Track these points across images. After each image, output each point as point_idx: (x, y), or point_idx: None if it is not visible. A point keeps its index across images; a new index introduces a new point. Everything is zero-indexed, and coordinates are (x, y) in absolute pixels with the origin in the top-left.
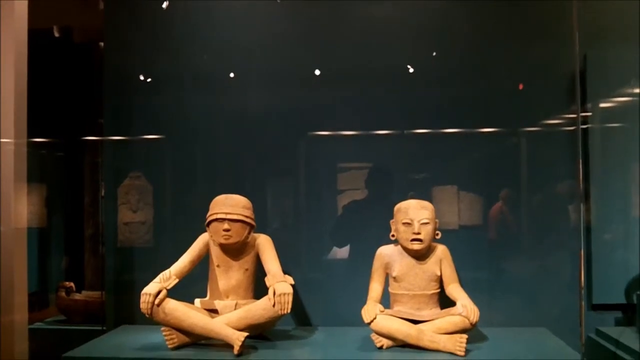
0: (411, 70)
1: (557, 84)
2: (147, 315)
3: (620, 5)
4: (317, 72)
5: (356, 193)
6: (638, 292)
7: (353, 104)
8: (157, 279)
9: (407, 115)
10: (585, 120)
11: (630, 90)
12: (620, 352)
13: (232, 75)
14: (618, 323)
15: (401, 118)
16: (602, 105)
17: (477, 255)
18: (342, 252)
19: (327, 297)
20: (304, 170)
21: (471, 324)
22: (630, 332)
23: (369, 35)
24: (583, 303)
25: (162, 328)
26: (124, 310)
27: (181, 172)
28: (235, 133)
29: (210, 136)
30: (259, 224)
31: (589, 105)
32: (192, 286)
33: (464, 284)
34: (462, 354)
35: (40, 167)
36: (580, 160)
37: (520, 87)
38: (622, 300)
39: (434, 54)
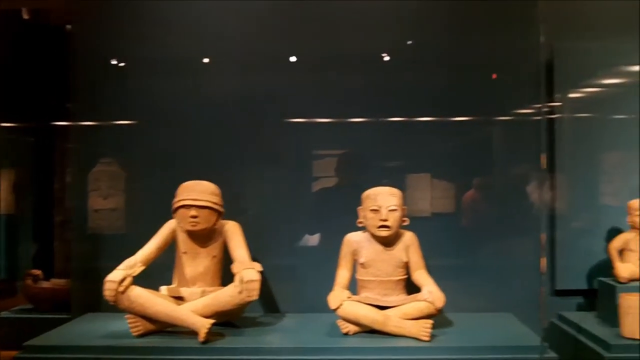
0: (386, 58)
1: (528, 74)
2: (111, 303)
3: None
4: (293, 58)
5: (330, 180)
6: (599, 278)
7: (328, 91)
8: (121, 266)
9: (382, 103)
10: (552, 111)
11: (598, 81)
12: (581, 337)
13: (206, 60)
14: (580, 308)
15: (376, 106)
16: (571, 95)
17: (448, 242)
18: (313, 239)
19: (297, 283)
20: (278, 157)
21: (436, 309)
22: (591, 317)
23: (344, 23)
24: (544, 289)
25: (127, 315)
26: (92, 297)
27: (153, 158)
28: (209, 119)
29: (184, 122)
30: (232, 210)
31: (558, 96)
32: (160, 273)
33: (435, 270)
34: (427, 339)
35: (9, 153)
36: (546, 149)
37: (494, 76)
38: (585, 286)
39: (409, 42)
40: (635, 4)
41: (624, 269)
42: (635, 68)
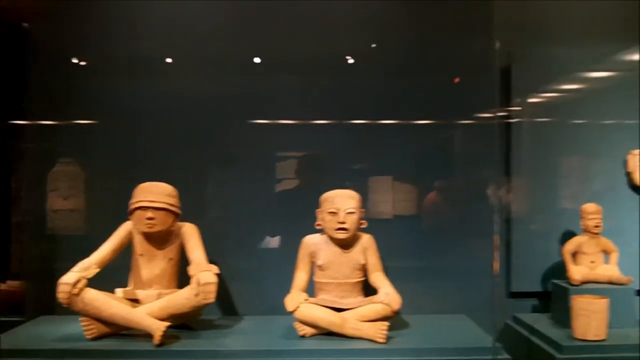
0: (350, 61)
1: (488, 79)
2: (65, 305)
3: (545, 4)
4: (257, 60)
5: (293, 182)
6: (553, 281)
7: (291, 93)
8: (76, 268)
9: (345, 106)
10: (510, 115)
11: (556, 87)
12: (534, 338)
13: (168, 60)
14: (535, 310)
15: (339, 108)
16: (530, 100)
17: (409, 244)
18: (274, 241)
19: (255, 286)
20: (242, 159)
21: (393, 311)
22: (545, 319)
23: (308, 25)
24: (496, 291)
25: (81, 318)
26: (46, 300)
27: (114, 158)
28: (172, 120)
29: (144, 122)
30: (192, 212)
31: (517, 100)
32: (116, 275)
33: (394, 272)
34: (383, 341)
35: None
36: (504, 153)
37: (457, 80)
38: (539, 288)
39: (373, 45)
40: (592, 11)
41: (576, 272)
42: (594, 74)
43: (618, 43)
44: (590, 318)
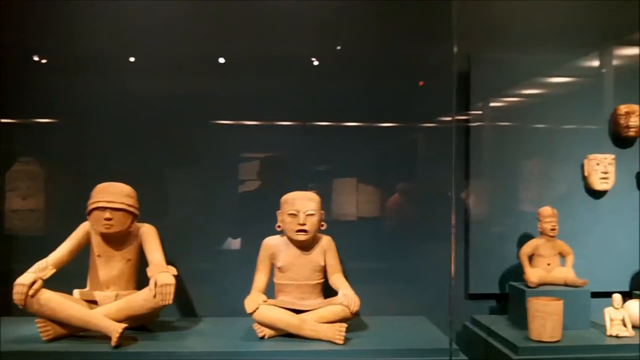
0: (315, 63)
1: (450, 83)
2: (20, 307)
3: (506, 9)
4: (222, 60)
5: (255, 183)
6: (510, 282)
7: (256, 94)
8: (32, 269)
9: (310, 107)
10: (469, 119)
11: (516, 91)
12: (491, 340)
13: (132, 59)
14: (493, 312)
15: (304, 110)
16: (491, 104)
17: (372, 246)
18: (235, 243)
19: (215, 287)
20: (205, 159)
21: (351, 313)
22: (502, 320)
23: (274, 27)
24: (452, 293)
25: (37, 320)
26: (3, 301)
27: (75, 158)
28: (134, 119)
29: (106, 122)
30: (153, 213)
31: (479, 104)
32: (75, 276)
33: (356, 274)
34: (342, 342)
35: None
36: (464, 156)
37: (421, 84)
38: (497, 290)
39: (338, 48)
40: (553, 17)
41: (533, 274)
42: (553, 79)
43: (578, 49)
44: (546, 319)
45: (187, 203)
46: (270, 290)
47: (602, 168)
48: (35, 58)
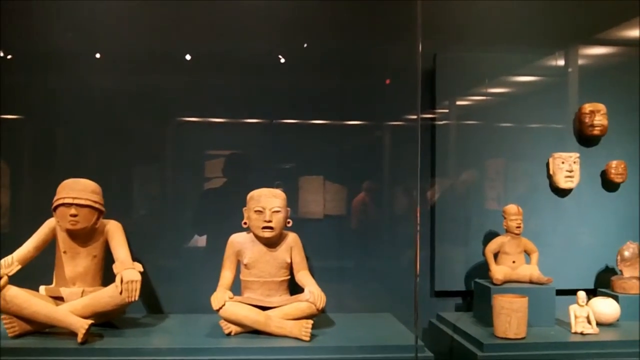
0: (282, 60)
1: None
2: None
3: (472, 8)
4: (188, 57)
5: (221, 180)
6: (475, 280)
7: (223, 91)
8: None
9: (277, 105)
10: (435, 117)
11: (481, 90)
12: (456, 336)
13: (97, 55)
14: (458, 309)
15: (270, 107)
16: (457, 102)
17: (338, 244)
18: (201, 240)
19: (181, 284)
20: (170, 156)
21: (317, 309)
22: (466, 317)
23: (241, 24)
24: (417, 290)
25: (2, 316)
26: None
27: (40, 154)
28: (100, 116)
29: (71, 118)
30: (119, 210)
31: (445, 103)
32: (41, 273)
33: (322, 271)
34: (307, 338)
35: None
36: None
37: (387, 82)
38: (463, 287)
39: (305, 45)
40: (518, 16)
41: (498, 271)
42: (519, 78)
43: (543, 48)
44: (511, 317)
45: (153, 200)
46: (236, 287)
47: (567, 166)
48: (1, 54)
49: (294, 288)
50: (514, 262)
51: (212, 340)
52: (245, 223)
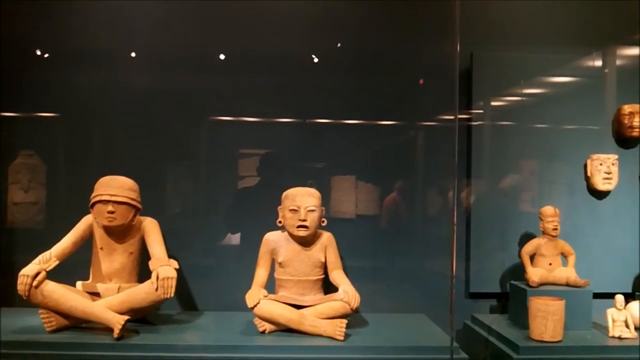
0: (316, 60)
1: (450, 82)
2: (24, 297)
3: (510, 8)
4: (222, 56)
5: (255, 179)
6: (512, 282)
7: (256, 91)
8: (36, 260)
9: (310, 105)
10: (471, 118)
11: (517, 91)
12: (491, 338)
13: (133, 54)
14: (493, 311)
15: (304, 107)
16: (492, 103)
17: (370, 243)
18: (235, 238)
19: (216, 281)
20: (204, 155)
21: (351, 309)
22: (502, 320)
23: (275, 24)
24: (456, 291)
25: (40, 310)
26: (6, 292)
27: (76, 151)
28: (135, 114)
29: (109, 116)
30: (154, 207)
31: (480, 103)
32: (78, 269)
33: (355, 271)
34: (342, 338)
35: None
36: (465, 156)
37: (421, 82)
38: (498, 289)
39: (339, 45)
40: (556, 16)
41: (534, 274)
42: (556, 79)
43: (581, 48)
44: (547, 319)
45: (187, 198)
46: (270, 286)
47: (605, 168)
48: (38, 52)
49: (328, 287)
50: (550, 264)
51: (246, 338)
52: (279, 222)
